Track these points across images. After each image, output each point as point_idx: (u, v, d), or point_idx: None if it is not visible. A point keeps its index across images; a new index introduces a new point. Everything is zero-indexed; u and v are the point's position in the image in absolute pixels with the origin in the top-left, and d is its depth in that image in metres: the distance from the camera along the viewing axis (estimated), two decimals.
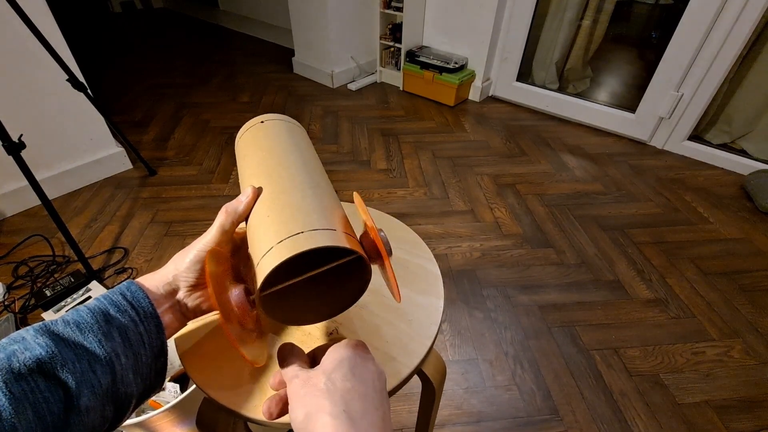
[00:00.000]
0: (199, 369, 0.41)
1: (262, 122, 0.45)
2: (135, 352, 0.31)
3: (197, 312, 0.37)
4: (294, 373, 0.30)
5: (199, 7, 3.98)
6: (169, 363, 1.11)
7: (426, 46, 2.53)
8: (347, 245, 0.31)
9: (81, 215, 1.56)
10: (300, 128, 0.47)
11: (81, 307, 0.31)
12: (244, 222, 0.38)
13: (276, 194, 0.36)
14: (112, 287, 0.38)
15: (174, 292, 0.36)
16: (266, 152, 0.41)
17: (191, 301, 0.36)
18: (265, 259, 0.31)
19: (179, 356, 0.42)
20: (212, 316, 0.45)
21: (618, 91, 2.39)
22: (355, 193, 0.39)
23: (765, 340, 1.16)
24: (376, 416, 0.27)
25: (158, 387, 0.35)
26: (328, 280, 0.37)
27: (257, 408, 0.37)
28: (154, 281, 0.35)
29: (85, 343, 0.29)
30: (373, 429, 0.26)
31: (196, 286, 0.36)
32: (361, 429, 0.26)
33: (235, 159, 0.48)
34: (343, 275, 0.36)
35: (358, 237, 0.36)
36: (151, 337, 0.32)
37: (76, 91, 1.43)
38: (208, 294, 0.37)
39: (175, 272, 0.35)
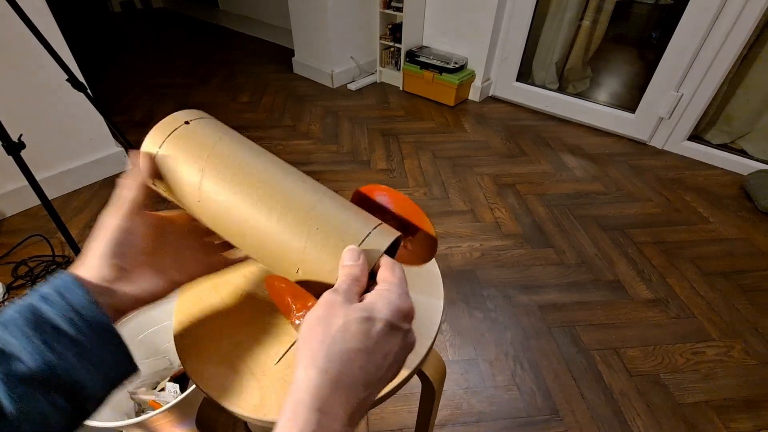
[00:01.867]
0: (199, 369, 0.40)
1: (186, 123, 0.35)
2: (72, 338, 0.28)
3: (140, 302, 0.33)
4: (343, 281, 0.29)
5: (199, 7, 3.98)
6: (169, 362, 1.09)
7: (426, 46, 2.53)
8: (397, 232, 0.34)
9: (81, 215, 1.56)
10: (226, 126, 0.38)
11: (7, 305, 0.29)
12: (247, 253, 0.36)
13: (303, 209, 0.32)
14: None
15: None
16: (234, 162, 0.34)
17: (130, 289, 0.32)
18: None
19: (179, 356, 0.42)
20: (213, 312, 0.44)
21: (618, 91, 2.39)
22: (371, 185, 0.39)
23: (765, 340, 1.16)
24: (356, 396, 0.25)
25: (131, 372, 0.32)
26: None
27: (257, 408, 0.37)
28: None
29: None
30: (341, 409, 0.24)
31: (123, 274, 0.32)
32: (331, 404, 0.24)
33: None
34: None
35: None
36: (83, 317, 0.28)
37: (75, 91, 1.42)
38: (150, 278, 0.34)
39: (91, 271, 0.31)
